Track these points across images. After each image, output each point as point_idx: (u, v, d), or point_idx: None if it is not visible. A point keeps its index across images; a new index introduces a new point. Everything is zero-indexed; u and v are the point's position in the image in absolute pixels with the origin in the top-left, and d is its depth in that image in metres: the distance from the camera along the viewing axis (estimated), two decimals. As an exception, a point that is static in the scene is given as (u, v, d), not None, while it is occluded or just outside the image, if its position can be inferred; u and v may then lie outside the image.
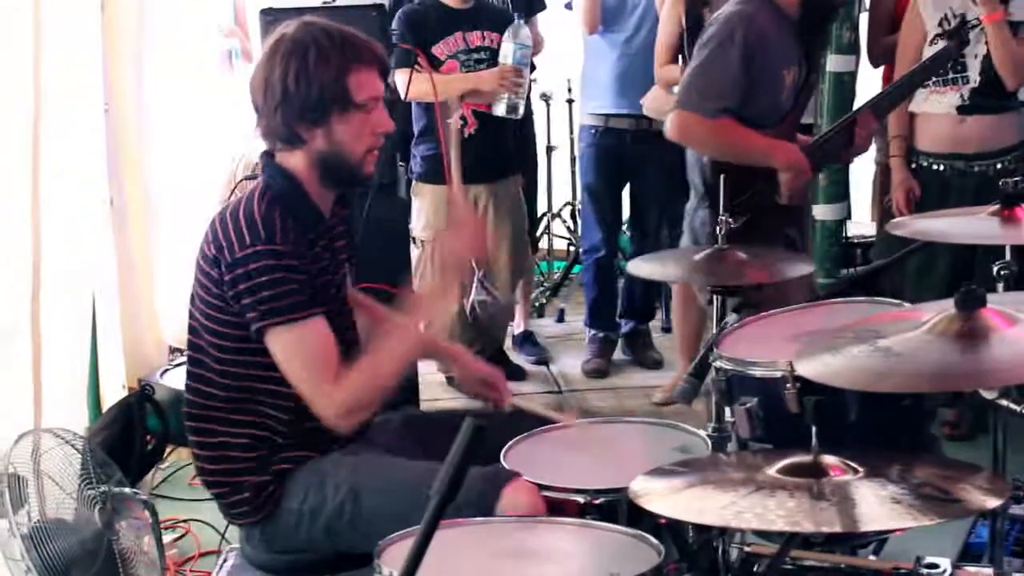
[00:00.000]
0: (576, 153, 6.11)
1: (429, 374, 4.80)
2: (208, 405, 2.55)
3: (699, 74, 3.58)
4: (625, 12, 5.11)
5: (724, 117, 3.53)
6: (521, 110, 4.76)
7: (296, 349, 2.42)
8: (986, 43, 4.12)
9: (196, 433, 2.59)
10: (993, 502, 1.78)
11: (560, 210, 6.79)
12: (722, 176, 2.98)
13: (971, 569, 2.33)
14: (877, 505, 1.76)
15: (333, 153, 2.49)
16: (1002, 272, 2.71)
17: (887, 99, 3.94)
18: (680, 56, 4.75)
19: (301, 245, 2.45)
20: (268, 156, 2.56)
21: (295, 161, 2.52)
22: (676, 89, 4.69)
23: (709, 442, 2.52)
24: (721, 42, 3.53)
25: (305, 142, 2.49)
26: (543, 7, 5.37)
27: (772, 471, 1.90)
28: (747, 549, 2.34)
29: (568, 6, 5.69)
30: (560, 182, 6.72)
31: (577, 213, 6.48)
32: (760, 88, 3.57)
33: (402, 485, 2.40)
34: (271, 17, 3.83)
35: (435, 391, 4.87)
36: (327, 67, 2.44)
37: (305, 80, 2.43)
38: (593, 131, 5.24)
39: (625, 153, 5.19)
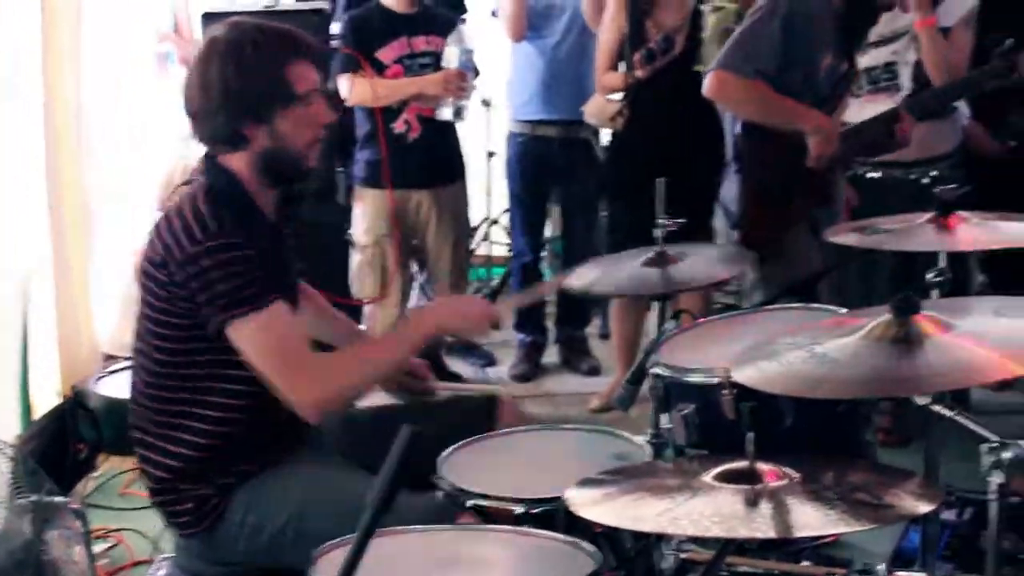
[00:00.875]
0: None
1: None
2: (149, 411, 2.50)
3: (742, 38, 3.82)
4: (552, 17, 5.08)
5: (759, 79, 3.74)
6: (466, 114, 4.74)
7: (263, 338, 2.38)
8: (916, 50, 4.17)
9: (139, 444, 2.54)
10: (925, 507, 1.80)
11: (499, 216, 6.76)
12: (664, 181, 3.00)
13: (903, 574, 2.36)
14: (811, 511, 1.76)
15: (277, 149, 2.47)
16: (936, 279, 2.73)
17: (923, 102, 4.04)
18: (621, 63, 4.75)
19: (251, 238, 2.42)
20: (210, 158, 2.53)
21: (236, 162, 2.49)
22: (615, 96, 4.70)
23: (648, 448, 2.52)
24: (768, 11, 3.75)
25: (249, 141, 2.46)
26: (464, 10, 5.35)
27: (708, 477, 1.90)
28: (683, 556, 2.35)
29: (494, 14, 5.64)
30: (499, 188, 6.69)
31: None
32: (795, 63, 3.76)
33: (351, 509, 2.31)
34: (212, 21, 3.80)
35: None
36: (265, 62, 2.43)
37: (245, 77, 2.41)
38: (520, 138, 5.23)
39: (552, 160, 5.18)
